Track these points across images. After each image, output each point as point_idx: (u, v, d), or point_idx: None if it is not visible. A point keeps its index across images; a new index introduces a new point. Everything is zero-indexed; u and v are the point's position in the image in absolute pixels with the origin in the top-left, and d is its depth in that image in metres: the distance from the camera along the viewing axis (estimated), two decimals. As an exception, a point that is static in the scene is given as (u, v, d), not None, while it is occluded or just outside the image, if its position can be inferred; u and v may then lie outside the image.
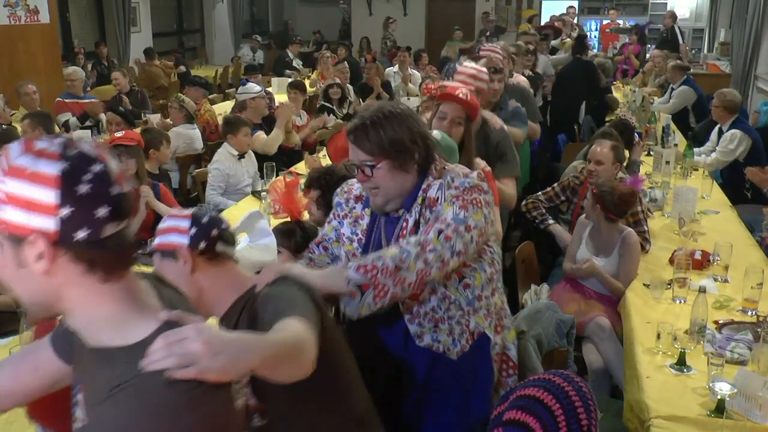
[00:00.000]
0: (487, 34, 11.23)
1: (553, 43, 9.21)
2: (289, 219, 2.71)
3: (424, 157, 2.00)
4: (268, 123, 5.52)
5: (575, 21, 11.08)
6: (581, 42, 7.93)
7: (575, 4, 13.66)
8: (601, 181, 3.57)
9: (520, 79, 5.09)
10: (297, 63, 11.68)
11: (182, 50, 13.06)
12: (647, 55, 10.51)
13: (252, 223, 2.60)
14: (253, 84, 5.84)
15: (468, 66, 3.62)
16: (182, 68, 10.97)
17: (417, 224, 2.00)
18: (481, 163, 3.02)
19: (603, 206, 3.38)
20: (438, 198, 1.98)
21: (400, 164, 1.97)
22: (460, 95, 3.01)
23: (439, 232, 1.88)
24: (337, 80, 7.42)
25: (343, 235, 2.17)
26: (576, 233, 3.62)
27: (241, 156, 4.85)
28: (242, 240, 3.04)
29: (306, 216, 2.82)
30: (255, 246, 2.48)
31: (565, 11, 12.64)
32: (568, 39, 8.70)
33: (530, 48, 6.37)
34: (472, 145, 3.04)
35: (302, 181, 3.16)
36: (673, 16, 11.66)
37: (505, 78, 4.35)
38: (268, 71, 11.43)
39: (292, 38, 12.83)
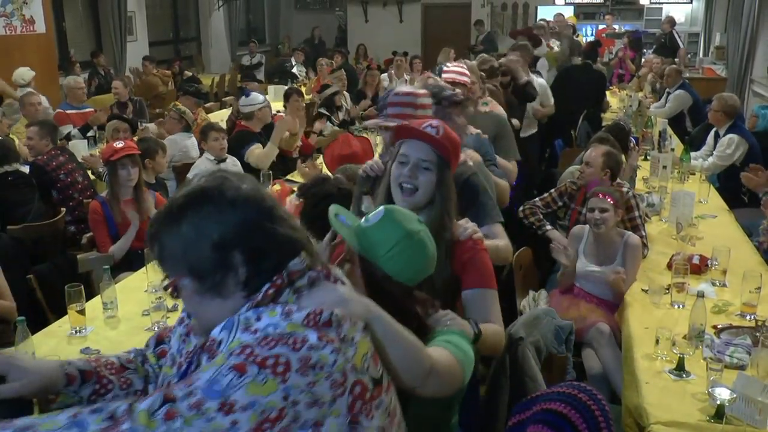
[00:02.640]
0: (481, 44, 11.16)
1: (536, 52, 8.62)
2: None
3: (254, 274, 1.29)
4: (267, 131, 5.54)
5: (573, 27, 11.01)
6: (594, 48, 7.86)
7: (568, 11, 13.66)
8: (599, 188, 3.58)
9: (496, 108, 4.28)
10: (299, 70, 11.73)
11: (179, 58, 13.09)
12: (642, 60, 10.57)
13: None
14: (256, 94, 5.88)
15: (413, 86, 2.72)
16: (188, 73, 11.03)
17: None
18: (467, 227, 2.15)
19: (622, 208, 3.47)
20: (222, 341, 1.26)
21: (208, 288, 1.29)
22: (428, 130, 2.11)
23: (164, 402, 1.12)
24: (336, 87, 7.46)
25: (169, 350, 1.51)
26: (570, 245, 3.61)
27: (220, 161, 5.03)
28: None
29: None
30: None
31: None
32: (555, 47, 8.50)
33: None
34: (450, 204, 2.13)
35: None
36: (671, 21, 11.81)
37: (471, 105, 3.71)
38: (267, 77, 11.53)
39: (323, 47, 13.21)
